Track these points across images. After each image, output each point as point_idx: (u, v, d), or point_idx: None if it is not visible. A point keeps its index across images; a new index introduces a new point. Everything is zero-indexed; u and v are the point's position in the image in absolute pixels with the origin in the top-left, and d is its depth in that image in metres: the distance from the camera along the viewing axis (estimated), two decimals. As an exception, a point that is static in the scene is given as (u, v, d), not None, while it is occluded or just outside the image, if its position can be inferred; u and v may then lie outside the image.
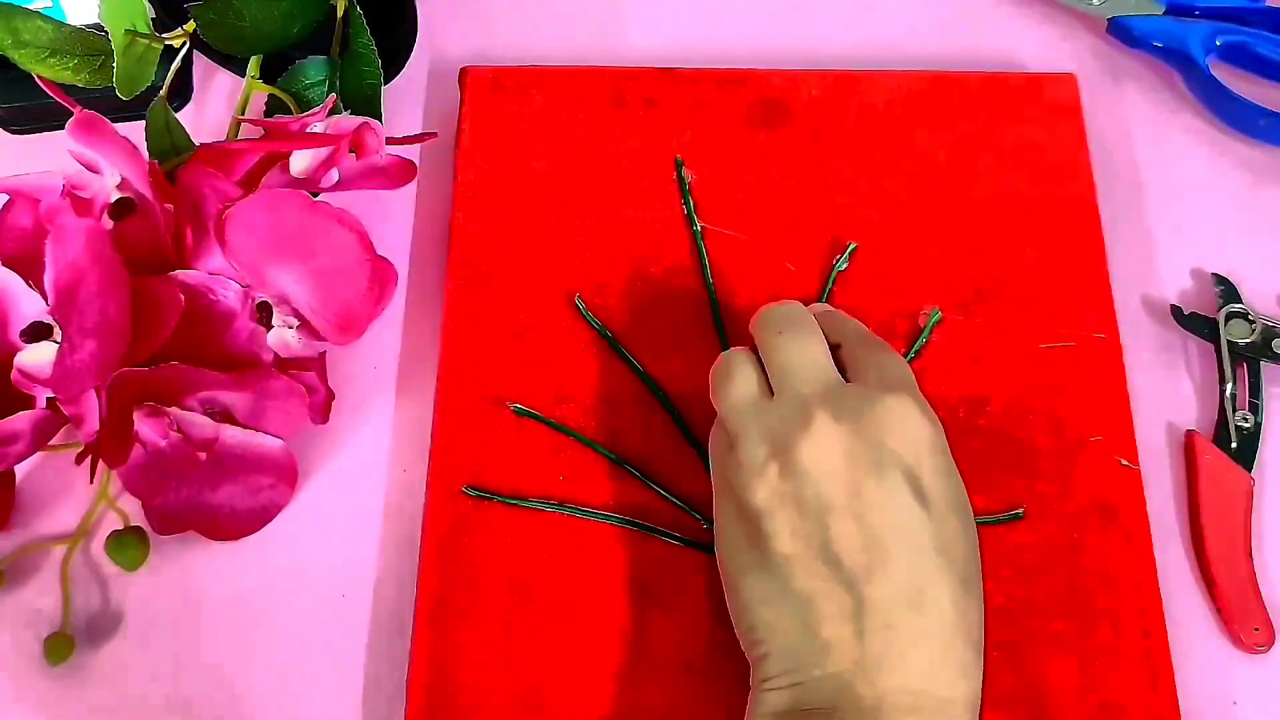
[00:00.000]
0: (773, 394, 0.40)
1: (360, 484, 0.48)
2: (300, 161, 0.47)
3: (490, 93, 0.53)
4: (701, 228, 0.50)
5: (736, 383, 0.41)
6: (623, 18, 0.58)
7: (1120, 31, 0.57)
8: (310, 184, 0.47)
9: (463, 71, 0.54)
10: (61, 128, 0.43)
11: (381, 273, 0.46)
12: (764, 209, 0.51)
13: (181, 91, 0.55)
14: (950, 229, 0.51)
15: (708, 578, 0.44)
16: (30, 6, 0.48)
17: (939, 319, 0.49)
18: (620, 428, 0.47)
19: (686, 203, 0.51)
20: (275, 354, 0.46)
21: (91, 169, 0.44)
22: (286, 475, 0.47)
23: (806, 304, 0.44)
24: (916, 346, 0.48)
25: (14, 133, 0.53)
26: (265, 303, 0.45)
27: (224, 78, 0.56)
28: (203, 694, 0.44)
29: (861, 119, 0.53)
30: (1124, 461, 0.46)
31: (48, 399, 0.43)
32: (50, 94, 0.46)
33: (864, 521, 0.37)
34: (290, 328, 0.45)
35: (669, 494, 0.46)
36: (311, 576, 0.46)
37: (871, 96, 0.53)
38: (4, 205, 0.45)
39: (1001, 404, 0.47)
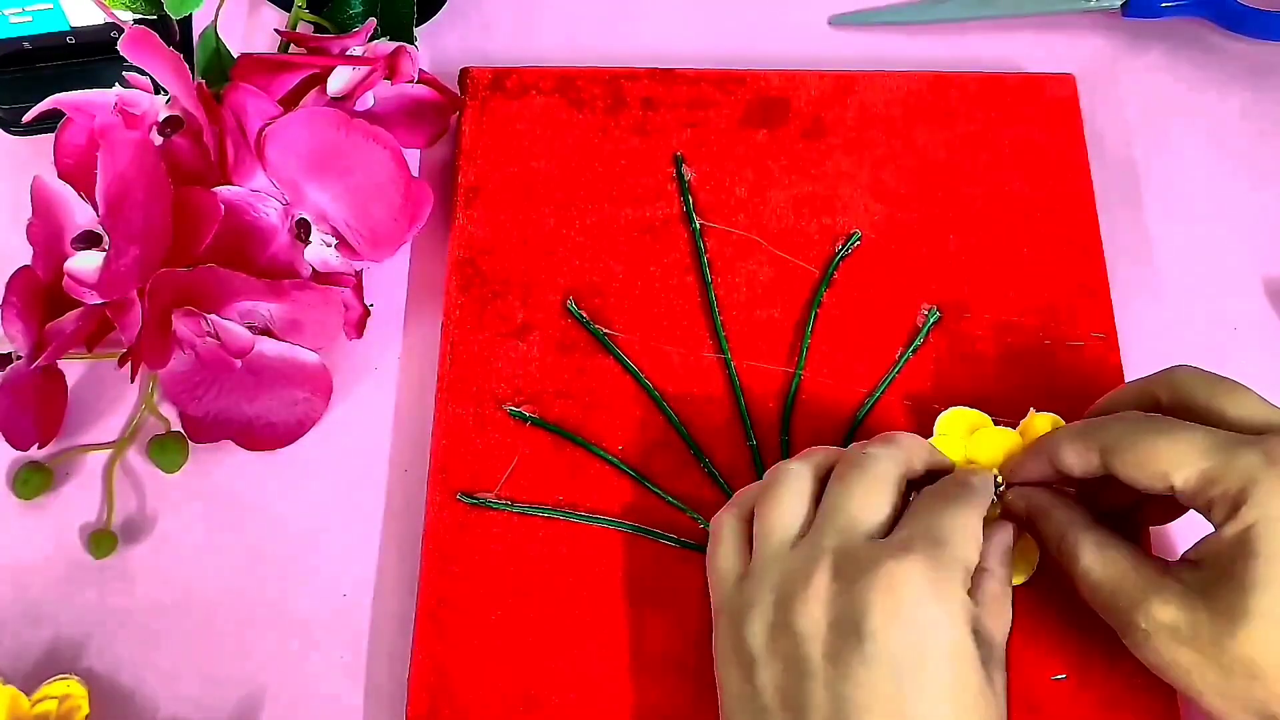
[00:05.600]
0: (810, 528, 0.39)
1: (360, 484, 0.48)
2: (338, 80, 0.48)
3: (490, 93, 0.53)
4: (700, 225, 0.51)
5: (784, 511, 0.39)
6: (622, 18, 0.58)
7: (1140, 8, 0.56)
8: (347, 106, 0.48)
9: (463, 72, 0.54)
10: (62, 127, 0.45)
11: (416, 192, 0.48)
12: (763, 209, 0.51)
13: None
14: (949, 229, 0.51)
15: (705, 578, 0.44)
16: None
17: (938, 319, 0.49)
18: (619, 428, 0.47)
19: (686, 201, 0.51)
20: (314, 269, 0.47)
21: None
22: (321, 388, 0.48)
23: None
24: (915, 346, 0.48)
25: (14, 133, 0.53)
26: (304, 220, 0.47)
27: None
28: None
29: (861, 119, 0.53)
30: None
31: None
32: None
33: (835, 692, 0.35)
34: (329, 245, 0.47)
35: (667, 495, 0.46)
36: (311, 576, 0.46)
37: (871, 97, 0.53)
38: (62, 124, 0.47)
39: (1000, 404, 0.47)
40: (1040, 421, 0.44)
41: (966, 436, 0.44)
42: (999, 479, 0.42)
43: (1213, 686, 0.37)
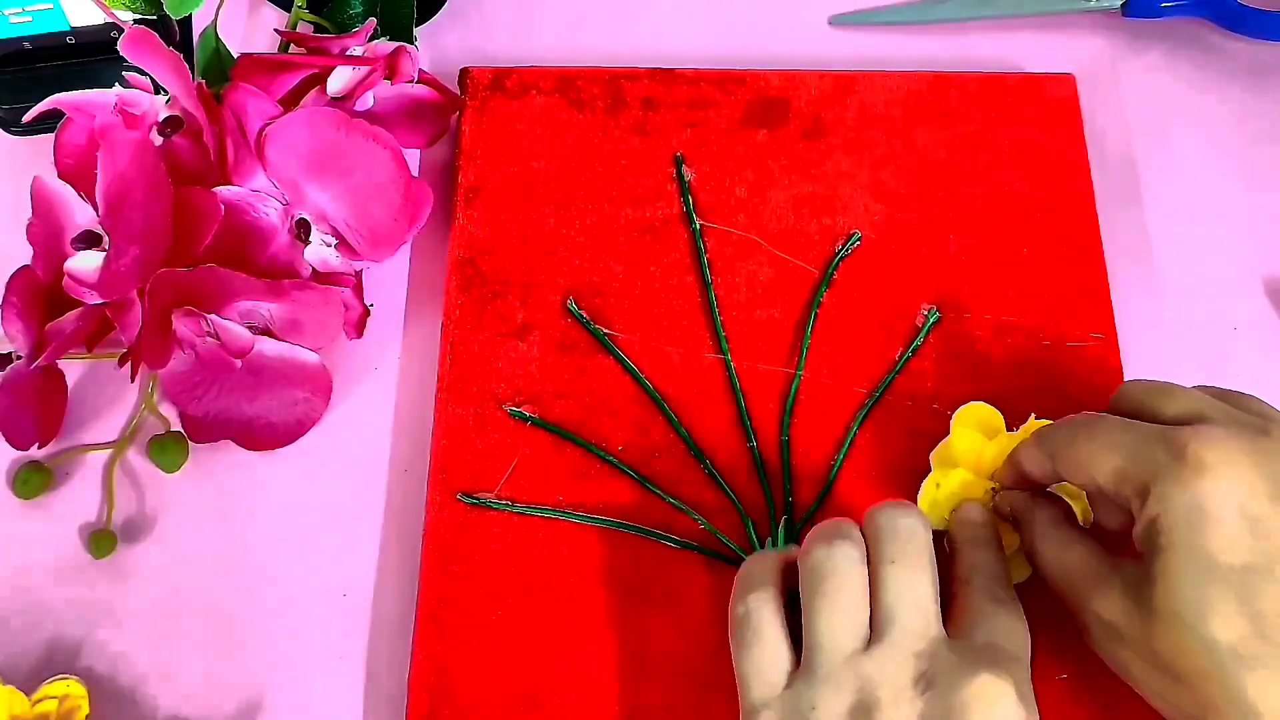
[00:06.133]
0: (872, 632, 0.37)
1: (360, 484, 0.48)
2: (338, 80, 0.48)
3: (490, 93, 0.53)
4: (700, 225, 0.51)
5: (847, 613, 0.37)
6: (622, 18, 0.58)
7: (1140, 8, 0.56)
8: (347, 106, 0.48)
9: (463, 72, 0.54)
10: (62, 128, 0.45)
11: (416, 193, 0.48)
12: (763, 209, 0.51)
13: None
14: (949, 229, 0.51)
15: (706, 579, 0.45)
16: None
17: (938, 319, 0.49)
18: (619, 428, 0.47)
19: (686, 201, 0.51)
20: (314, 269, 0.47)
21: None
22: (321, 389, 0.48)
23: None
24: (914, 346, 0.48)
25: (14, 133, 0.53)
26: (304, 220, 0.47)
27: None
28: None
29: (861, 119, 0.53)
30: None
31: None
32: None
33: None
34: (329, 245, 0.47)
35: (667, 496, 0.46)
36: (311, 576, 0.46)
37: (871, 97, 0.53)
38: (62, 124, 0.47)
39: (999, 405, 0.47)
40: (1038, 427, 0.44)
41: (980, 432, 0.44)
42: (993, 484, 0.43)
43: (1150, 688, 0.37)
